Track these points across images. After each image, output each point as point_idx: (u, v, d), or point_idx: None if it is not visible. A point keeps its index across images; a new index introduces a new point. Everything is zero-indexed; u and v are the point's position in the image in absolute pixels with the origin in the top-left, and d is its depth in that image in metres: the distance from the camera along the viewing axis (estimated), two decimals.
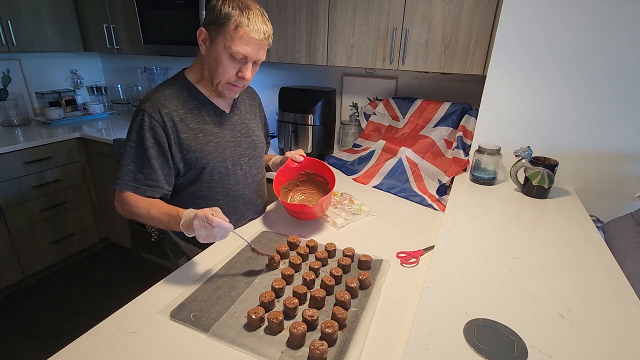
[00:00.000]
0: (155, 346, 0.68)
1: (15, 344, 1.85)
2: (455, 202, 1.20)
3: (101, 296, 2.20)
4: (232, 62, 0.92)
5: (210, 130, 1.02)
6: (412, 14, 1.46)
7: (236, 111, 1.10)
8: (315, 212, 1.10)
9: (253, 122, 1.16)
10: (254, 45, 0.91)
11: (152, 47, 2.15)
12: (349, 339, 0.70)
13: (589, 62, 1.20)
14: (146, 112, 0.93)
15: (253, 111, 1.19)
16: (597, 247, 0.94)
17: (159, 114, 0.93)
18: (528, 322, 0.67)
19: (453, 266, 0.84)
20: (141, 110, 0.94)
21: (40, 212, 2.17)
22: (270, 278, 0.88)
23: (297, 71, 2.19)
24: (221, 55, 0.91)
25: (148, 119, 0.93)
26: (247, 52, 0.91)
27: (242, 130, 1.10)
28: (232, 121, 1.08)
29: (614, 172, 1.27)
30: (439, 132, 1.60)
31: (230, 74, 0.94)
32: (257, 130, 1.17)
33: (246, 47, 0.90)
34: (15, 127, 2.35)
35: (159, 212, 0.92)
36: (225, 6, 0.88)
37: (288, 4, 1.70)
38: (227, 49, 0.90)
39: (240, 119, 1.11)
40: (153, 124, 0.93)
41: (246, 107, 1.16)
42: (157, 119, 0.93)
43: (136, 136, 0.93)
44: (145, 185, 0.95)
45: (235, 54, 0.90)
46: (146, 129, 0.93)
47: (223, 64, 0.92)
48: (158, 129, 0.93)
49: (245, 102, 1.16)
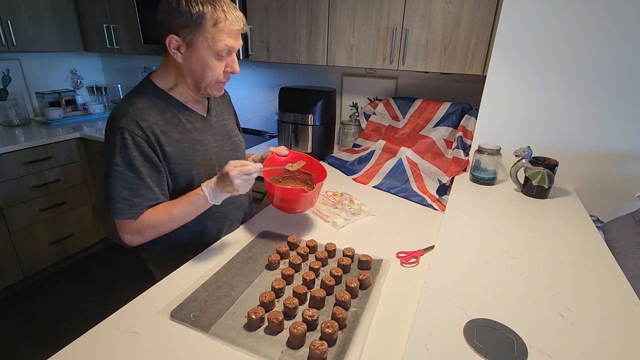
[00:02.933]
0: (155, 346, 0.68)
1: (15, 344, 1.85)
2: (455, 202, 1.20)
3: (101, 296, 2.20)
4: (220, 60, 0.90)
5: (194, 138, 0.97)
6: (412, 13, 1.46)
7: (212, 113, 1.06)
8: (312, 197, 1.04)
9: (230, 121, 1.14)
10: (235, 35, 0.89)
11: (152, 47, 2.15)
12: (349, 339, 0.70)
13: (589, 62, 1.20)
14: (126, 129, 0.84)
15: (227, 110, 1.16)
16: (597, 247, 0.94)
17: (140, 129, 0.86)
18: (528, 322, 0.67)
19: (453, 266, 0.84)
20: (119, 128, 0.84)
21: (40, 212, 2.18)
22: (270, 278, 0.88)
23: (297, 71, 2.19)
24: (206, 57, 0.87)
25: (130, 136, 0.85)
26: (232, 44, 0.89)
27: (222, 133, 1.07)
28: (212, 124, 1.04)
29: (614, 172, 1.27)
30: (439, 132, 1.60)
31: (219, 73, 0.91)
32: (234, 130, 1.15)
33: (231, 40, 0.88)
34: (15, 127, 2.36)
35: (179, 208, 0.90)
36: (193, 5, 0.82)
37: (288, 4, 1.70)
38: (211, 49, 0.86)
39: (218, 121, 1.08)
40: (137, 141, 0.85)
41: (220, 106, 1.12)
42: (139, 134, 0.85)
43: (122, 158, 0.85)
44: (146, 207, 0.90)
45: (222, 51, 0.87)
46: (131, 148, 0.85)
47: (210, 66, 0.89)
48: (144, 145, 0.86)
49: (218, 101, 1.12)
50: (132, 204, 0.87)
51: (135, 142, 0.86)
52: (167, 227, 0.92)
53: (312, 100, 1.74)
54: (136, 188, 0.87)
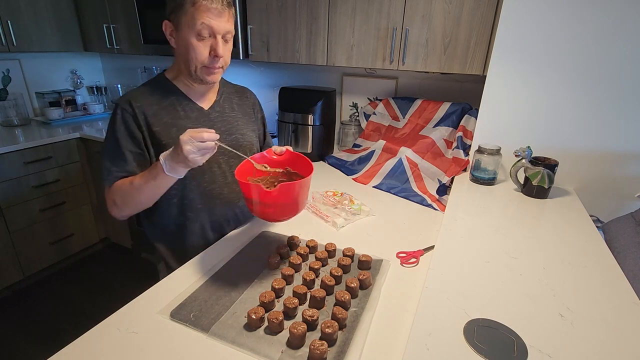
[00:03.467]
0: (155, 346, 0.68)
1: (15, 344, 1.85)
2: (455, 202, 1.20)
3: (101, 296, 2.20)
4: (201, 41, 0.90)
5: (185, 125, 0.98)
6: (412, 14, 1.46)
7: (217, 108, 1.07)
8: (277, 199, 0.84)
9: (240, 120, 1.13)
10: (215, 15, 0.89)
11: (151, 47, 2.15)
12: (349, 339, 0.70)
13: (589, 62, 1.20)
14: (119, 106, 0.94)
15: (243, 110, 1.15)
16: (597, 247, 0.94)
17: (130, 106, 0.94)
18: (528, 322, 0.67)
19: (453, 266, 0.84)
20: (116, 106, 0.95)
21: (40, 212, 2.18)
22: (270, 278, 0.88)
23: (297, 71, 2.19)
24: (188, 38, 0.90)
25: (120, 112, 0.94)
26: (211, 24, 0.89)
27: (222, 128, 1.06)
28: (211, 118, 1.05)
29: (614, 172, 1.27)
30: (439, 132, 1.60)
31: (202, 56, 0.92)
32: (244, 129, 1.13)
33: (209, 19, 0.88)
34: (15, 127, 2.36)
35: (140, 177, 0.90)
36: None
37: (288, 4, 1.70)
38: (191, 29, 0.89)
39: (221, 117, 1.07)
40: (125, 116, 0.93)
41: (232, 105, 1.12)
42: (129, 111, 0.94)
43: (111, 132, 0.94)
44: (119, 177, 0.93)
45: (201, 30, 0.89)
46: (118, 122, 0.93)
47: (192, 46, 0.90)
48: (130, 121, 0.94)
49: (233, 100, 1.13)
50: (109, 172, 0.93)
51: (123, 118, 0.94)
52: (134, 198, 0.92)
53: (312, 100, 1.74)
54: (115, 158, 0.93)
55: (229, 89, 1.16)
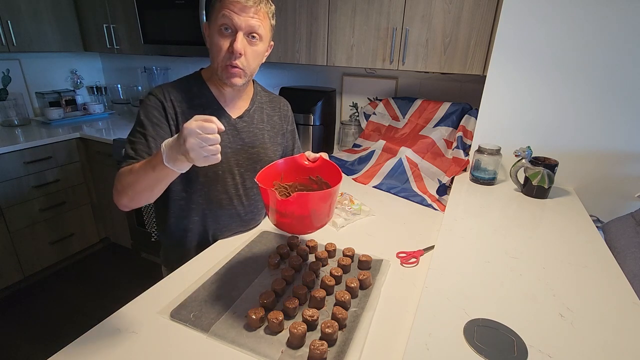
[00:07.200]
0: (155, 346, 0.68)
1: (15, 344, 1.85)
2: (455, 202, 1.20)
3: (101, 296, 2.20)
4: (222, 37, 0.87)
5: None
6: (412, 14, 1.46)
7: (246, 118, 1.02)
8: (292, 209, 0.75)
9: (267, 134, 1.07)
10: (238, 9, 0.84)
11: (152, 47, 2.15)
12: (349, 339, 0.70)
13: (589, 62, 1.20)
14: (151, 94, 0.93)
15: (272, 122, 1.10)
16: (597, 247, 0.94)
17: (163, 95, 0.93)
18: (528, 322, 0.67)
19: (453, 266, 0.84)
20: (149, 92, 0.94)
21: (40, 212, 2.17)
22: (270, 278, 0.88)
23: (297, 71, 2.19)
24: (213, 33, 0.89)
25: (150, 100, 0.93)
26: (232, 17, 0.84)
27: (246, 139, 1.02)
28: (237, 127, 1.01)
29: (614, 172, 1.27)
30: (439, 132, 1.60)
31: (222, 52, 0.88)
32: (268, 143, 1.07)
33: (230, 12, 0.84)
34: (15, 127, 2.35)
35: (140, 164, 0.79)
36: None
37: (288, 4, 1.70)
38: (215, 24, 0.87)
39: (248, 127, 1.03)
40: (155, 103, 0.92)
41: (263, 116, 1.07)
42: (160, 98, 0.93)
43: (138, 117, 0.92)
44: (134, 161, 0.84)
45: (222, 25, 0.86)
46: (149, 108, 0.92)
47: (214, 42, 0.88)
48: (159, 108, 0.93)
49: (264, 110, 1.08)
50: (126, 155, 0.88)
51: (153, 104, 0.92)
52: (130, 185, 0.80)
53: (312, 100, 1.74)
54: (136, 142, 0.89)
55: (263, 98, 1.10)
